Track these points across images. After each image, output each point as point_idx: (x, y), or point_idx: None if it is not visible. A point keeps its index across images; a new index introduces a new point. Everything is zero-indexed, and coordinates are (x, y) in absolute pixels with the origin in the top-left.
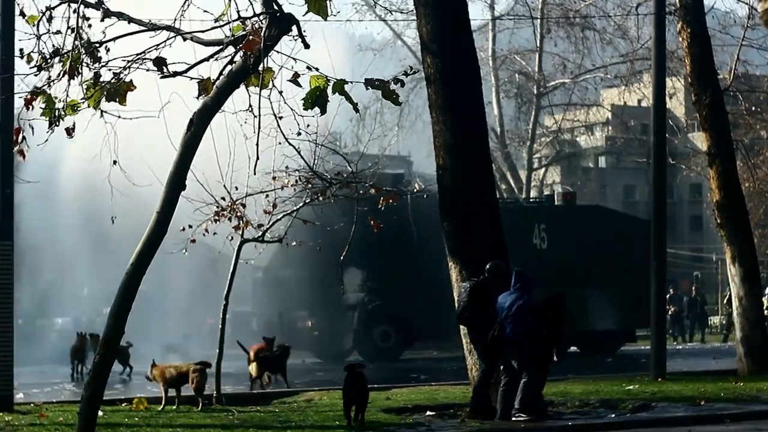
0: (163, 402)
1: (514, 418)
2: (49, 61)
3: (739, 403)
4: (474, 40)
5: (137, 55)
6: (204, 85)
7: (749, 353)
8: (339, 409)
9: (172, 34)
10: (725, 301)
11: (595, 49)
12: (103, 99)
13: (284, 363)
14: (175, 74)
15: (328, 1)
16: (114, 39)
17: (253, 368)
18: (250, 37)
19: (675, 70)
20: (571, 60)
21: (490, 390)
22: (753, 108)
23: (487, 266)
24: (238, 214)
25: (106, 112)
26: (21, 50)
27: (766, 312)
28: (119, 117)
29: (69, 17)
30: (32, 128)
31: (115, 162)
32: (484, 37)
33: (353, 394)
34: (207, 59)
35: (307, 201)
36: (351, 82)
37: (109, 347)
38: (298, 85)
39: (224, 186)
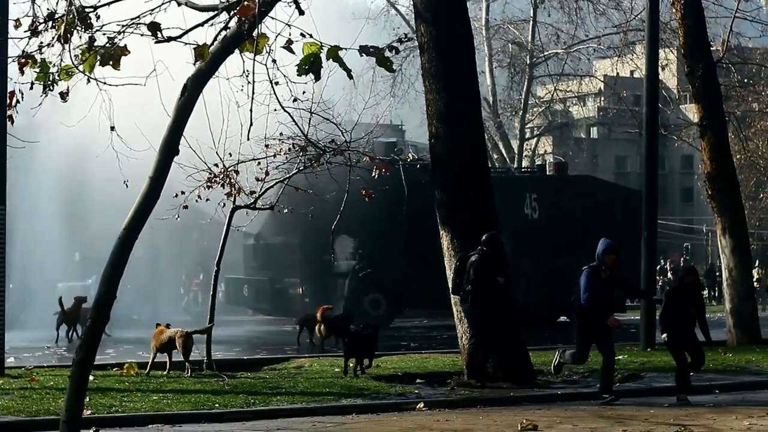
0: (149, 366)
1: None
2: (42, 25)
3: (728, 373)
4: (468, 10)
5: (132, 19)
6: (200, 50)
7: (738, 324)
8: (329, 376)
9: None
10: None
11: (589, 19)
12: (97, 64)
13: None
14: (169, 39)
15: None
16: (108, 3)
17: (321, 330)
18: (245, 2)
19: (668, 42)
20: (565, 30)
21: (485, 356)
22: (745, 80)
23: (483, 237)
24: (231, 180)
25: (94, 79)
26: (9, 18)
27: (755, 284)
28: (105, 83)
29: None
30: (22, 93)
31: (112, 128)
32: (478, 6)
33: (366, 347)
34: (201, 24)
35: (300, 168)
36: (345, 49)
37: (101, 311)
38: (292, 51)
39: (217, 153)
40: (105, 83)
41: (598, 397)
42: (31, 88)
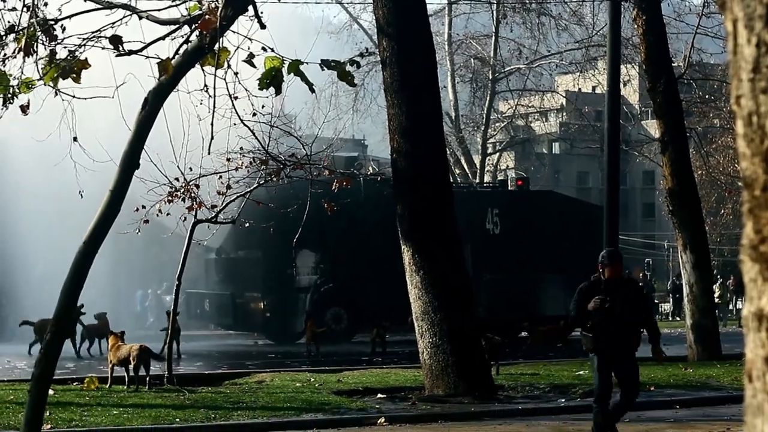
0: (110, 381)
1: None
2: (3, 38)
3: (688, 389)
4: (430, 24)
5: (93, 32)
6: (164, 64)
7: (699, 340)
8: (290, 391)
9: (129, 13)
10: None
11: (551, 35)
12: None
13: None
14: (130, 53)
15: None
16: (70, 16)
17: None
18: (207, 16)
19: (630, 57)
20: (527, 46)
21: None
22: (707, 96)
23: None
24: (192, 194)
25: (60, 91)
26: None
27: (716, 299)
28: (74, 96)
29: None
30: None
31: (75, 139)
32: (441, 21)
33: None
34: (163, 38)
35: (260, 182)
36: (306, 63)
37: (60, 325)
38: (253, 65)
39: (178, 166)
40: (73, 96)
41: None
42: (5, 103)
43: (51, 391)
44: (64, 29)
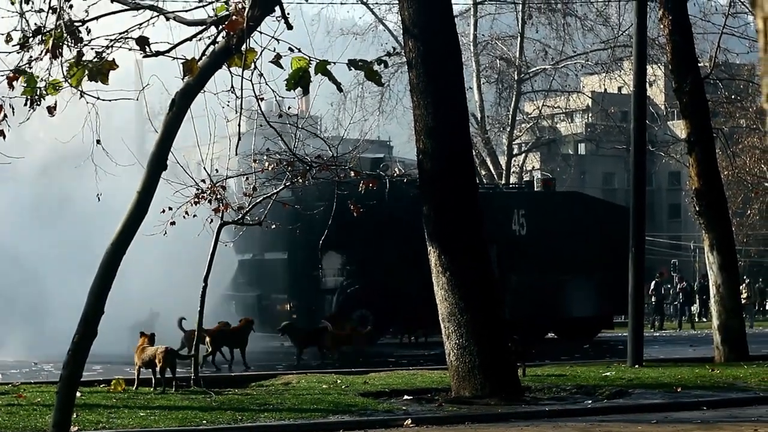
0: (136, 383)
1: None
2: (30, 39)
3: (715, 390)
4: (456, 25)
5: (120, 34)
6: (189, 65)
7: (726, 341)
8: (316, 393)
9: (155, 14)
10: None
11: (577, 35)
12: (85, 78)
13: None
14: (157, 54)
15: None
16: (97, 18)
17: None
18: (233, 17)
19: (656, 58)
20: (553, 46)
21: None
22: (733, 96)
23: None
24: (218, 196)
25: (85, 93)
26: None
27: (743, 300)
28: (98, 98)
29: None
30: (12, 108)
31: (98, 142)
32: (466, 22)
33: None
34: (190, 39)
35: (287, 184)
36: (334, 63)
37: (88, 326)
38: (280, 66)
39: (204, 168)
40: (98, 98)
41: None
42: (32, 105)
43: (78, 393)
44: (89, 31)
